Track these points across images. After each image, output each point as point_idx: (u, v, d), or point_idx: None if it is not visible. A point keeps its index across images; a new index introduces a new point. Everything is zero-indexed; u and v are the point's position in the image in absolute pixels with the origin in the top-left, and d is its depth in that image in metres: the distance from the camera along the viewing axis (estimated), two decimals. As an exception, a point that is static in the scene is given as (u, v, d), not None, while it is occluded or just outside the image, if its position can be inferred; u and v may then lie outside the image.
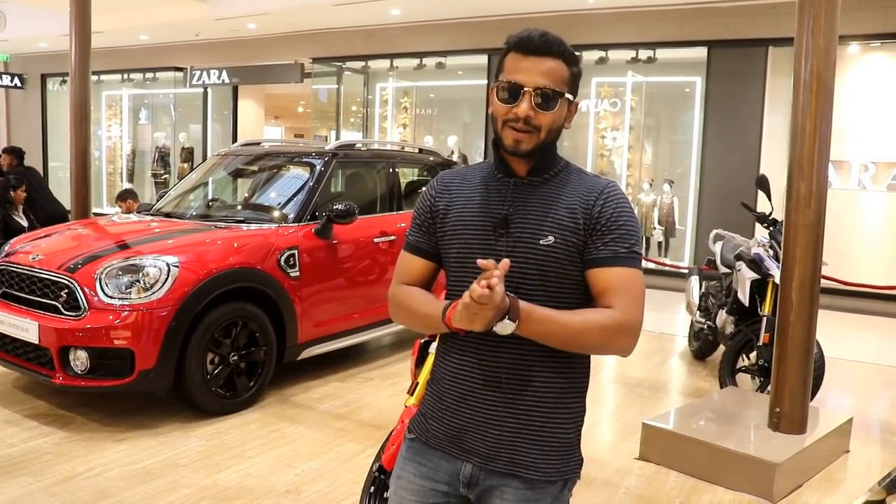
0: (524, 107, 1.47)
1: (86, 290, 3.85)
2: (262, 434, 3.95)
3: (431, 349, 2.56)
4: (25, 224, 6.72)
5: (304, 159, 5.34)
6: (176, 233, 4.47)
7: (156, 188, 13.30)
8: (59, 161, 14.95)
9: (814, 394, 4.11)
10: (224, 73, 12.36)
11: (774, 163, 7.86)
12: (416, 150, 6.66)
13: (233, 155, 5.79)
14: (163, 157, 13.66)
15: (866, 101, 7.96)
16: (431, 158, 6.30)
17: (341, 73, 11.95)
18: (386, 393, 4.72)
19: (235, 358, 4.19)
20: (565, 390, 1.54)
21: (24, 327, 3.95)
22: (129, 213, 6.44)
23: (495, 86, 1.52)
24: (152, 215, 5.19)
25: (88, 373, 3.82)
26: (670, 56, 9.32)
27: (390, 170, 5.66)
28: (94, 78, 8.41)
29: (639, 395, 4.95)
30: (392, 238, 5.24)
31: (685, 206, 9.45)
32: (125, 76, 14.04)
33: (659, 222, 9.78)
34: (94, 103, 10.45)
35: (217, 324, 4.06)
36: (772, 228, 4.99)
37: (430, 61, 10.75)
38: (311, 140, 12.92)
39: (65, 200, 7.49)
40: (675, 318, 7.08)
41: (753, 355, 4.66)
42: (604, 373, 5.40)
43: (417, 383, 2.57)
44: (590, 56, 9.38)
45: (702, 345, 5.77)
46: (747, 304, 4.79)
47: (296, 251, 4.54)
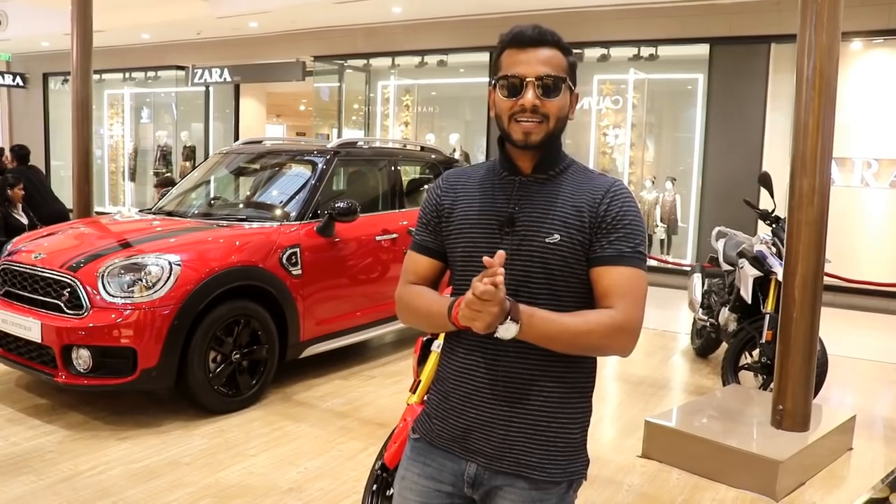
0: (529, 96, 1.47)
1: (88, 288, 3.85)
2: (265, 432, 3.95)
3: (434, 347, 2.56)
4: (25, 222, 6.72)
5: (306, 157, 5.35)
6: (178, 231, 4.47)
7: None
8: (61, 160, 14.98)
9: (817, 391, 4.09)
10: (226, 71, 12.36)
11: (777, 160, 7.84)
12: (418, 148, 6.67)
13: (234, 153, 5.79)
14: (165, 156, 13.66)
15: (869, 97, 7.94)
16: (433, 156, 6.30)
17: (343, 71, 11.94)
18: (388, 391, 4.73)
19: (238, 356, 4.19)
20: (572, 390, 1.53)
21: (27, 326, 3.95)
22: None
23: (496, 84, 1.50)
24: (154, 214, 5.20)
25: (91, 371, 3.83)
26: (672, 53, 9.30)
27: (392, 168, 5.65)
28: (96, 77, 8.40)
29: (641, 392, 4.94)
30: (394, 236, 5.24)
31: (687, 203, 9.44)
32: (127, 75, 14.05)
33: (661, 220, 9.77)
34: (96, 102, 10.50)
35: (219, 322, 4.07)
36: (774, 225, 4.99)
37: (431, 59, 10.74)
38: (313, 138, 12.92)
39: (67, 199, 7.51)
40: (678, 315, 7.07)
41: (756, 353, 4.65)
42: (606, 370, 5.39)
43: (420, 381, 2.57)
44: (592, 53, 9.37)
45: (704, 342, 5.77)
46: (750, 301, 4.78)
47: (298, 249, 4.54)
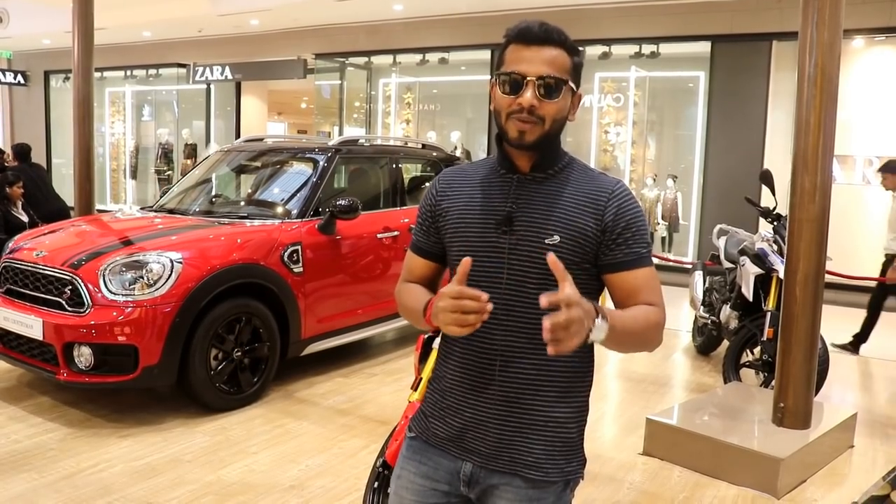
0: (528, 96, 1.44)
1: (89, 286, 3.86)
2: (266, 430, 3.96)
3: (435, 345, 2.56)
4: (25, 220, 6.72)
5: (308, 155, 5.34)
6: (179, 229, 4.47)
7: (159, 184, 13.31)
8: (62, 158, 14.99)
9: (818, 389, 4.10)
10: (227, 69, 12.36)
11: (778, 157, 7.84)
12: (420, 146, 6.65)
13: (236, 151, 5.79)
14: (166, 154, 13.67)
15: (871, 95, 7.94)
16: (434, 154, 6.30)
17: (344, 69, 11.94)
18: (389, 388, 4.73)
19: (239, 354, 4.19)
20: (568, 388, 1.52)
21: (29, 324, 3.96)
22: None
23: (497, 79, 1.48)
24: (155, 211, 5.20)
25: (92, 369, 3.83)
26: (674, 51, 9.29)
27: (393, 165, 5.65)
28: (98, 75, 8.39)
29: (642, 390, 4.94)
30: (395, 234, 5.24)
31: (689, 201, 9.44)
32: (128, 73, 14.05)
33: (662, 217, 9.76)
34: (98, 100, 10.47)
35: (220, 320, 4.07)
36: (776, 223, 4.98)
37: (432, 57, 10.74)
38: (315, 136, 12.92)
39: (68, 197, 7.51)
40: (679, 313, 7.07)
41: (757, 350, 4.66)
42: (607, 368, 5.39)
43: (421, 379, 2.57)
44: (593, 51, 9.36)
45: (705, 340, 5.77)
46: (751, 299, 4.78)
47: (299, 247, 4.54)
